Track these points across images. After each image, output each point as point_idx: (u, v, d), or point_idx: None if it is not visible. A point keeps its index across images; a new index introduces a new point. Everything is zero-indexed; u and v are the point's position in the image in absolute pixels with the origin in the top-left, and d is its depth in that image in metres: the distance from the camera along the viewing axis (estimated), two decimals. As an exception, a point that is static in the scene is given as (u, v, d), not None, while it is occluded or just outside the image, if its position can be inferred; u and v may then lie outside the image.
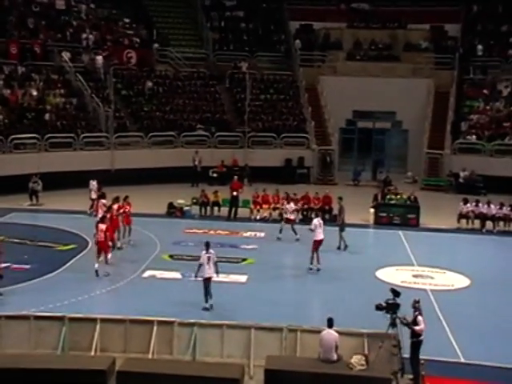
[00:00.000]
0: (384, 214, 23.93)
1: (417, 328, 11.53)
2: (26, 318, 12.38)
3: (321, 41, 37.95)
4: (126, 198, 20.19)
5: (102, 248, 17.11)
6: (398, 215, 23.84)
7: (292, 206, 21.81)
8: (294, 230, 21.15)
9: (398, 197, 24.77)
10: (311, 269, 17.88)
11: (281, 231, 21.26)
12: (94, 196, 23.26)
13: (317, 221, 18.18)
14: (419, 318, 11.58)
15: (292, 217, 21.55)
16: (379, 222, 23.79)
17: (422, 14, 36.87)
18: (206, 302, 14.59)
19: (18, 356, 11.73)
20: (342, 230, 20.34)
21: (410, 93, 33.45)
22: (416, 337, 11.60)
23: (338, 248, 20.27)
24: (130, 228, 19.96)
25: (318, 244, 17.90)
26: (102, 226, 17.25)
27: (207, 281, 14.69)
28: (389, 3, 38.14)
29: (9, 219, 22.75)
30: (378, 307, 11.71)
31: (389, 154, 36.28)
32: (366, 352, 11.75)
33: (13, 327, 12.16)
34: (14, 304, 14.40)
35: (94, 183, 24.09)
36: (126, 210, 19.77)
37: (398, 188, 26.11)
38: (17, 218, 22.83)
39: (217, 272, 14.92)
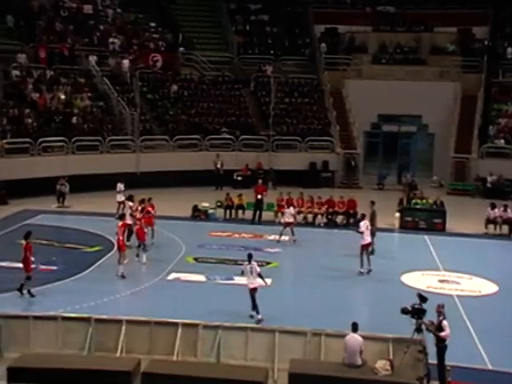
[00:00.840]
0: (409, 219, 23.73)
1: (442, 334, 11.41)
2: (53, 318, 12.57)
3: (346, 44, 37.82)
4: (150, 199, 20.34)
5: (118, 247, 17.32)
6: (423, 219, 23.62)
7: (292, 210, 21.93)
8: (292, 231, 21.31)
9: (424, 201, 24.53)
10: (362, 272, 17.85)
11: (281, 235, 21.27)
12: (121, 199, 23.33)
13: (363, 224, 18.14)
14: (444, 322, 11.45)
15: (291, 220, 21.57)
16: (405, 227, 23.59)
17: (448, 17, 36.51)
18: (258, 312, 14.29)
19: (47, 356, 11.91)
20: (373, 234, 20.22)
21: (436, 96, 33.13)
22: (441, 342, 11.48)
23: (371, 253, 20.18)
24: (152, 230, 20.07)
25: (365, 248, 17.94)
26: (119, 223, 17.43)
27: (252, 291, 14.46)
28: (415, 6, 37.87)
29: (37, 221, 23.06)
30: (404, 311, 11.62)
31: (414, 157, 35.98)
32: (391, 357, 11.67)
33: (41, 327, 12.36)
34: (42, 304, 14.61)
35: (121, 186, 24.26)
36: (150, 211, 19.90)
37: (423, 192, 25.85)
38: (45, 220, 23.13)
39: (261, 278, 14.68)
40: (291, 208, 22.11)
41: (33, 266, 15.68)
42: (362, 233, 17.97)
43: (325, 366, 11.73)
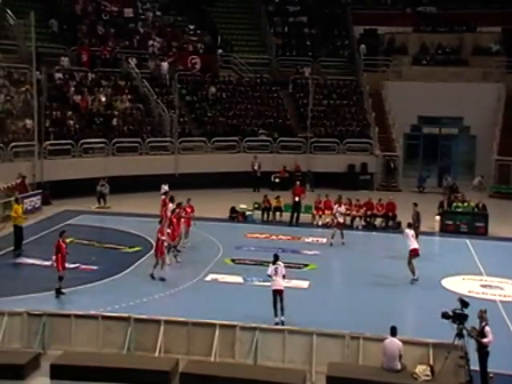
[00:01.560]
0: (450, 222, 23.33)
1: (485, 340, 11.15)
2: (94, 317, 12.75)
3: (385, 45, 37.46)
4: (189, 200, 20.46)
5: (156, 251, 17.18)
6: (465, 223, 23.20)
7: (342, 209, 21.81)
8: (342, 234, 21.14)
9: (466, 204, 24.09)
10: (415, 279, 17.27)
11: (333, 236, 21.19)
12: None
13: (409, 231, 17.67)
14: (487, 328, 11.19)
15: (342, 220, 21.52)
16: (445, 230, 23.20)
17: (492, 17, 35.79)
18: (276, 315, 13.90)
19: (88, 354, 12.10)
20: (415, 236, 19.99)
21: (478, 98, 32.51)
22: (483, 348, 11.21)
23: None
24: (187, 231, 20.15)
25: (414, 253, 17.39)
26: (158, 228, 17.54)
27: (275, 293, 14.18)
28: (457, 6, 37.25)
29: (78, 221, 23.47)
30: (445, 315, 11.40)
31: (455, 160, 35.37)
32: (432, 362, 11.47)
33: (82, 326, 12.57)
34: (83, 303, 14.82)
35: (165, 187, 24.41)
36: (188, 211, 20.01)
37: (465, 195, 25.38)
38: (85, 220, 23.52)
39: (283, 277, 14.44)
40: (342, 206, 21.96)
41: (72, 265, 15.87)
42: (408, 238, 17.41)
43: (363, 370, 11.61)
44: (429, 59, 36.08)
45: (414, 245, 17.43)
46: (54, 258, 15.50)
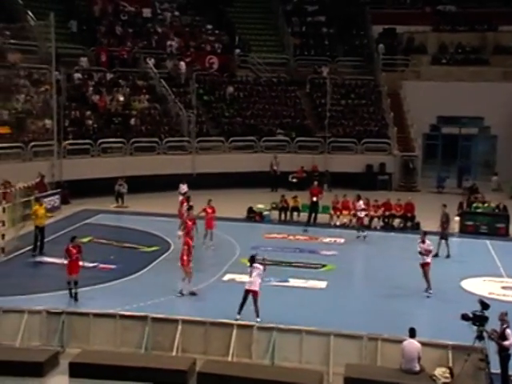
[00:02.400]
0: (470, 223, 23.12)
1: (506, 343, 11.00)
2: (112, 316, 12.80)
3: (404, 45, 37.20)
4: (209, 201, 20.43)
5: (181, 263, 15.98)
6: (485, 224, 22.99)
7: (361, 203, 22.05)
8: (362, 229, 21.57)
9: (486, 205, 23.86)
10: (431, 293, 16.31)
11: (359, 230, 21.58)
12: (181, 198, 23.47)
13: (426, 245, 16.37)
14: (508, 331, 11.04)
15: (362, 215, 21.84)
16: (465, 231, 22.99)
17: (513, 15, 35.42)
18: (239, 313, 13.75)
19: (106, 353, 12.16)
20: (444, 237, 19.82)
21: (499, 97, 32.15)
22: (504, 351, 11.06)
23: (448, 256, 19.83)
24: (211, 232, 20.17)
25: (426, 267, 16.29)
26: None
27: (246, 292, 14.12)
28: (477, 5, 36.92)
29: (96, 220, 23.62)
30: (464, 317, 11.27)
31: (475, 160, 35.03)
32: (451, 364, 11.35)
33: (100, 324, 12.64)
34: (101, 302, 14.90)
35: (183, 187, 24.42)
36: (209, 212, 20.00)
37: (485, 196, 25.11)
38: (104, 220, 23.65)
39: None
40: (361, 201, 22.10)
41: (91, 264, 15.92)
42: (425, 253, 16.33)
43: (381, 372, 11.53)
44: (448, 58, 35.79)
45: (428, 259, 16.39)
46: (65, 262, 15.47)
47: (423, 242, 16.47)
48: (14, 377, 11.30)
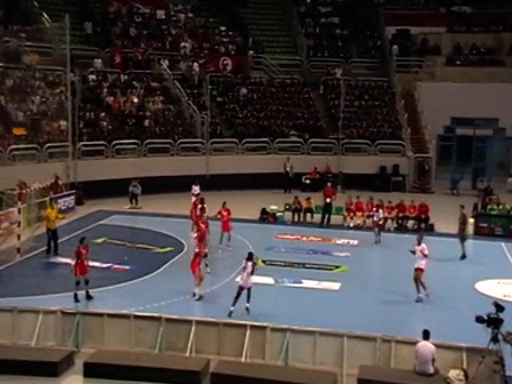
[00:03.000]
0: (485, 225, 22.98)
1: None
2: (126, 316, 12.87)
3: (418, 46, 37.05)
4: (224, 204, 20.42)
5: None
6: (500, 226, 22.83)
7: (381, 213, 22.25)
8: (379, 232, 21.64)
9: (501, 207, 23.68)
10: (420, 298, 16.03)
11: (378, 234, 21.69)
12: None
13: (418, 247, 16.08)
14: None
15: (377, 219, 21.99)
16: (479, 233, 22.85)
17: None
18: (233, 305, 14.38)
19: (120, 353, 12.23)
20: (463, 239, 19.74)
21: (515, 98, 31.92)
22: None
23: (464, 256, 19.85)
24: (229, 234, 20.15)
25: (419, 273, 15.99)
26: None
27: (239, 288, 14.55)
28: (492, 6, 36.65)
29: (110, 221, 23.75)
30: (479, 319, 11.21)
31: (490, 162, 34.77)
32: (465, 367, 11.29)
33: (115, 325, 12.70)
34: (115, 303, 14.99)
35: (196, 188, 24.42)
36: (225, 215, 20.01)
37: (499, 198, 24.93)
38: (118, 221, 23.78)
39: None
40: (380, 211, 22.27)
41: (105, 265, 16.01)
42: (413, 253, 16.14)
43: (395, 373, 11.49)
44: (463, 59, 35.59)
45: (422, 263, 16.00)
46: (72, 263, 15.45)
47: (419, 243, 16.13)
48: (29, 376, 11.40)
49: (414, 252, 16.22)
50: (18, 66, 28.69)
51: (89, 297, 15.41)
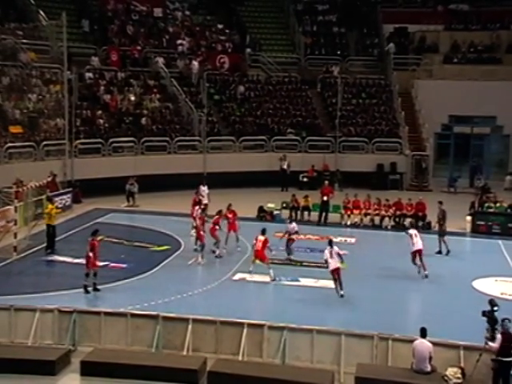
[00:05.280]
0: (482, 223, 22.98)
1: (490, 344, 10.85)
2: (123, 315, 12.85)
3: (416, 44, 37.05)
4: (229, 206, 20.32)
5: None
6: (497, 224, 22.83)
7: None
8: None
9: (498, 205, 23.70)
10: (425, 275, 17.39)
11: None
12: (205, 201, 23.21)
13: (412, 231, 17.83)
14: (498, 335, 10.89)
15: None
16: (477, 231, 22.87)
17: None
18: (341, 289, 15.58)
19: (117, 351, 12.22)
20: (442, 234, 19.83)
21: (512, 96, 31.94)
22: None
23: (439, 252, 19.82)
24: (236, 235, 20.07)
25: (417, 254, 17.50)
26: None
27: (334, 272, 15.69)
28: (490, 3, 36.67)
29: (107, 219, 23.69)
30: (485, 314, 11.20)
31: (488, 160, 34.79)
32: (462, 365, 11.29)
33: (112, 323, 12.68)
34: (112, 301, 14.96)
35: (203, 188, 23.93)
36: (230, 217, 19.92)
37: (497, 196, 24.94)
38: (115, 219, 23.72)
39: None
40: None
41: (102, 263, 16.07)
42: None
43: (392, 371, 11.50)
44: (460, 57, 35.57)
45: (416, 246, 17.31)
46: (91, 255, 15.57)
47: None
48: (26, 375, 11.37)
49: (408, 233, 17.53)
50: (14, 64, 28.58)
51: (96, 289, 15.52)
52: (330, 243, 16.18)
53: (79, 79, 30.37)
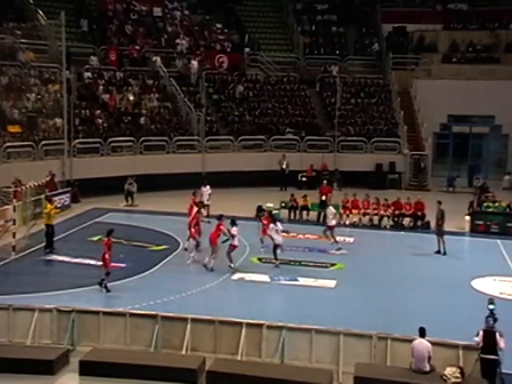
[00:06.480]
0: (481, 222, 22.98)
1: (475, 338, 11.07)
2: (122, 314, 12.83)
3: (415, 43, 37.06)
4: (264, 212, 20.76)
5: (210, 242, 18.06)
6: (496, 223, 22.83)
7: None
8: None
9: (497, 204, 23.71)
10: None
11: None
12: (207, 202, 23.19)
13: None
14: (480, 332, 11.02)
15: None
16: (475, 230, 22.87)
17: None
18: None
19: (116, 351, 12.21)
20: (440, 234, 19.82)
21: (511, 96, 31.88)
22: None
23: (438, 252, 19.81)
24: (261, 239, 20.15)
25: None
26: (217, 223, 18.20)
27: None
28: (489, 3, 36.71)
29: (106, 219, 23.66)
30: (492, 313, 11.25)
31: (486, 159, 34.80)
32: (461, 364, 11.29)
33: (111, 323, 12.67)
34: (110, 301, 14.99)
35: (205, 189, 23.65)
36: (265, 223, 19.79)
37: (496, 195, 24.96)
38: (113, 218, 23.68)
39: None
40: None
41: (99, 263, 16.10)
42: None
43: (391, 371, 11.49)
44: (459, 57, 35.61)
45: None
46: (107, 256, 15.80)
47: None
48: (24, 374, 11.36)
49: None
50: (13, 64, 28.54)
51: (101, 286, 15.79)
52: (274, 221, 18.10)
53: (78, 79, 30.34)
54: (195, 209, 19.88)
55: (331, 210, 21.04)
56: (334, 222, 20.68)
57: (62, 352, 11.99)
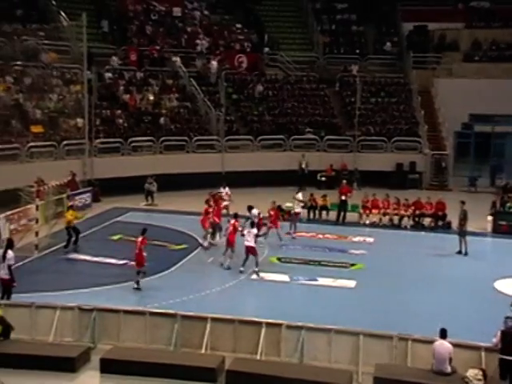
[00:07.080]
0: (503, 223, 22.72)
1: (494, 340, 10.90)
2: (142, 313, 12.90)
3: (436, 42, 36.75)
4: (274, 203, 21.05)
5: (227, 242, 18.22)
6: (519, 224, 22.54)
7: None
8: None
9: (520, 205, 23.41)
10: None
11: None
12: (226, 202, 23.14)
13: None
14: (498, 333, 10.89)
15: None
16: (498, 231, 22.61)
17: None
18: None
19: (136, 349, 12.29)
20: (462, 235, 19.65)
21: (534, 94, 31.52)
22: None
23: (459, 252, 19.66)
24: (277, 231, 20.63)
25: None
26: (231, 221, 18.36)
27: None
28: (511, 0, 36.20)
29: (126, 218, 23.84)
30: None
31: (509, 159, 34.32)
32: (484, 366, 11.16)
33: (131, 321, 12.75)
34: (130, 299, 15.09)
35: (224, 191, 23.46)
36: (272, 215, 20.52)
37: (518, 195, 24.63)
38: (133, 218, 23.83)
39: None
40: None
41: (121, 262, 16.23)
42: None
43: (412, 372, 11.41)
44: (481, 55, 35.23)
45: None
46: (145, 254, 16.13)
47: None
48: (46, 371, 11.49)
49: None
50: (36, 65, 28.89)
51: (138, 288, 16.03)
52: (252, 225, 18.08)
53: (99, 79, 30.59)
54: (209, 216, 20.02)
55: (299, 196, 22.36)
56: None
57: (84, 350, 12.10)
